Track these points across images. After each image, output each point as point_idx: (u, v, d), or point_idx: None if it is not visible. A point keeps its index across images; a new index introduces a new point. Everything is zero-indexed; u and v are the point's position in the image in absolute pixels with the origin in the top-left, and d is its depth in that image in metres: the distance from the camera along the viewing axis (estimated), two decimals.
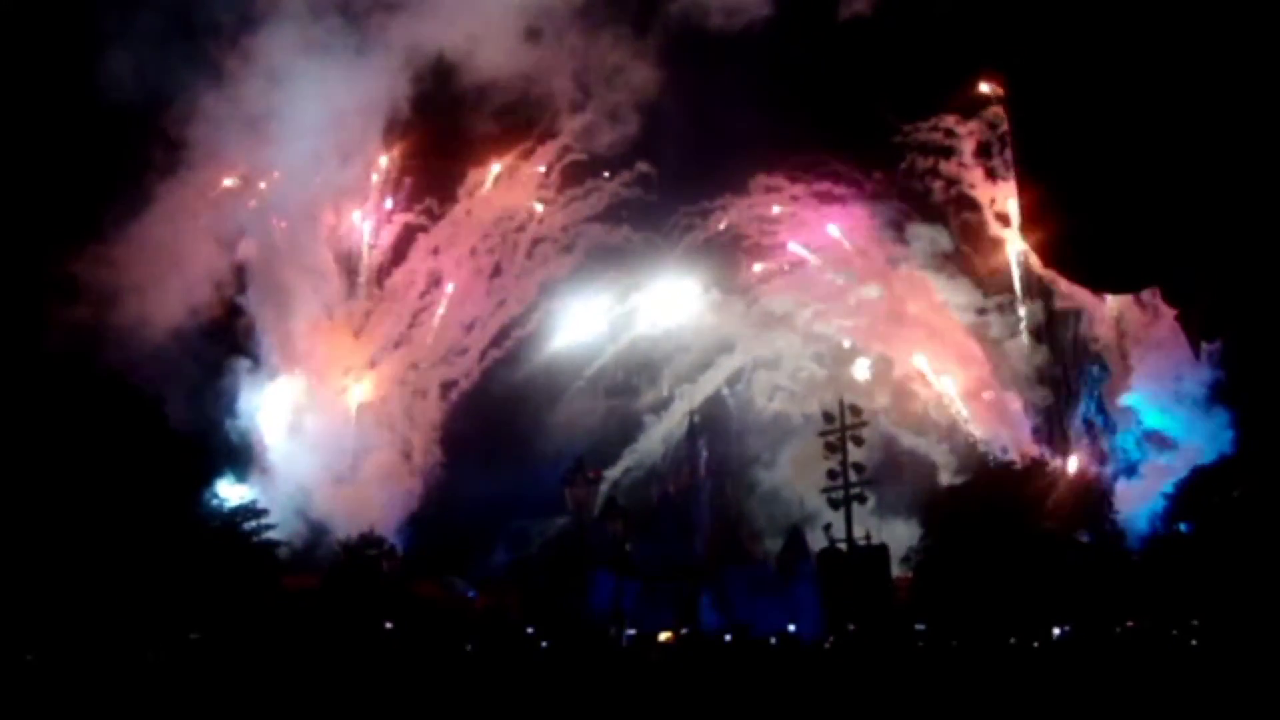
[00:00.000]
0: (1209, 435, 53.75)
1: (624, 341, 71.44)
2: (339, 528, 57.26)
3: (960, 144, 66.28)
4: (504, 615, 57.22)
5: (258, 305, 63.83)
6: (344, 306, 68.46)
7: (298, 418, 63.81)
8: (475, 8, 61.12)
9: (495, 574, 63.92)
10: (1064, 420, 66.25)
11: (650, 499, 68.94)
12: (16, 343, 46.49)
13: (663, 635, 56.13)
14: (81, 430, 40.65)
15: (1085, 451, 64.62)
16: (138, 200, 57.92)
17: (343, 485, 61.83)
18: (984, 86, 62.07)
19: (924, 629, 48.09)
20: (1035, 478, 50.90)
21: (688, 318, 71.11)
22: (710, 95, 61.76)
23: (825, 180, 67.87)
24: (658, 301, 71.22)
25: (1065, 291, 61.40)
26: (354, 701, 26.27)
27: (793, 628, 55.52)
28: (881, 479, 48.54)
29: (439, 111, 64.54)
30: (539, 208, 69.98)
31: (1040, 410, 66.59)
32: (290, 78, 59.38)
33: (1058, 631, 47.14)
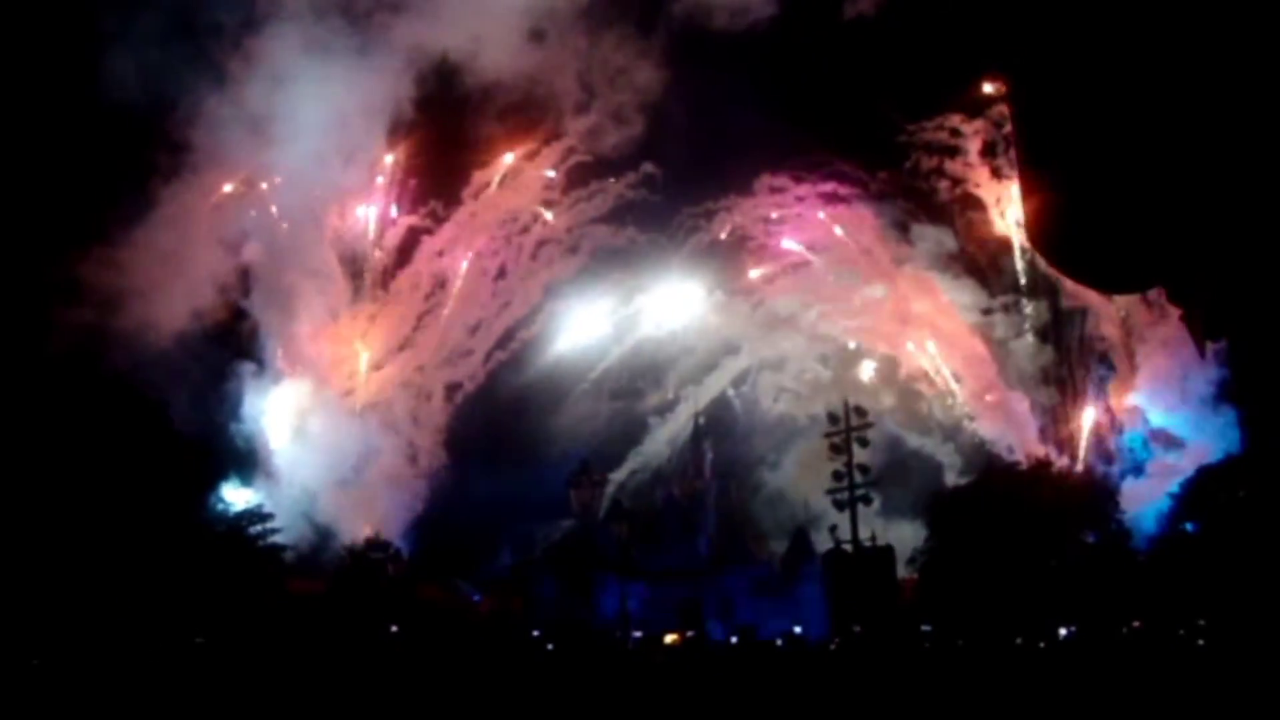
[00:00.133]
0: (1216, 433, 53.43)
1: (629, 343, 71.56)
2: (344, 531, 57.36)
3: (966, 143, 66.22)
4: (509, 618, 57.11)
5: (262, 308, 63.89)
6: (348, 309, 68.65)
7: (302, 421, 63.74)
8: (479, 8, 61.07)
9: (500, 577, 63.90)
10: (1070, 420, 66.08)
11: (655, 501, 68.99)
12: (22, 346, 46.50)
13: (668, 637, 56.08)
14: (87, 434, 40.59)
15: (1091, 451, 64.45)
16: (142, 203, 58.00)
17: (348, 488, 61.69)
18: (988, 88, 61.79)
19: (930, 630, 47.93)
20: (1041, 478, 50.60)
21: (692, 319, 71.15)
22: (715, 96, 61.81)
23: (830, 180, 67.80)
24: (663, 303, 71.29)
25: (1071, 291, 61.10)
26: (360, 704, 26.24)
27: (798, 629, 55.47)
28: (887, 480, 48.33)
29: (443, 113, 64.66)
30: (549, 216, 70.01)
31: (1046, 410, 66.43)
32: (293, 79, 59.42)
33: (1064, 632, 46.98)
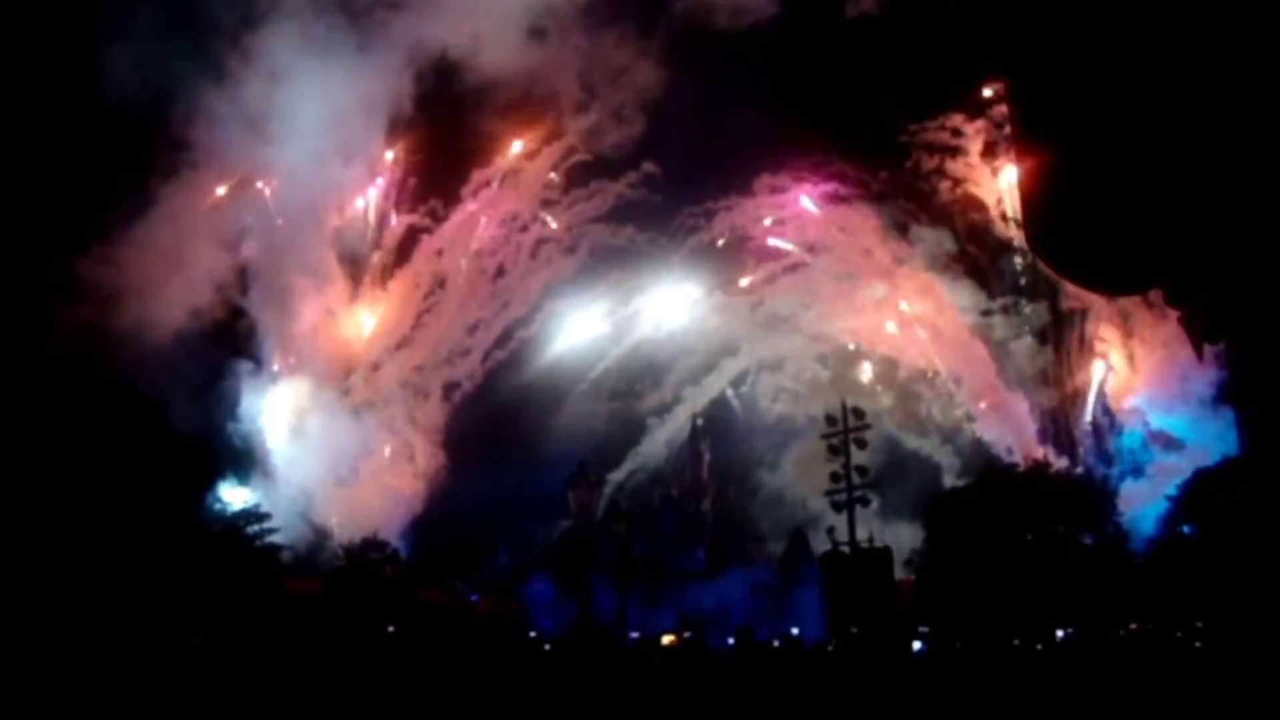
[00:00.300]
0: (1216, 435, 53.36)
1: (628, 344, 71.37)
2: (342, 531, 57.22)
3: (967, 143, 66.07)
4: (507, 619, 57.03)
5: (260, 307, 63.85)
6: (347, 308, 68.53)
7: (300, 420, 63.63)
8: (478, 5, 60.96)
9: (498, 577, 63.79)
10: (1069, 421, 65.98)
11: (654, 502, 68.84)
12: (20, 345, 46.42)
13: (666, 639, 56.02)
14: (84, 433, 40.51)
15: (1090, 453, 64.37)
16: (141, 201, 58.03)
17: (346, 488, 61.63)
18: (988, 91, 61.73)
19: (928, 632, 47.85)
20: (1040, 480, 50.55)
21: (692, 320, 71.01)
22: (715, 95, 61.56)
23: (831, 180, 67.72)
24: (662, 303, 71.18)
25: (1071, 292, 61.03)
26: (358, 704, 26.18)
27: (795, 631, 55.39)
28: (885, 481, 48.33)
29: (443, 112, 64.51)
30: (552, 223, 69.90)
31: (1045, 411, 66.33)
32: (292, 77, 59.36)
33: (1061, 634, 46.90)
